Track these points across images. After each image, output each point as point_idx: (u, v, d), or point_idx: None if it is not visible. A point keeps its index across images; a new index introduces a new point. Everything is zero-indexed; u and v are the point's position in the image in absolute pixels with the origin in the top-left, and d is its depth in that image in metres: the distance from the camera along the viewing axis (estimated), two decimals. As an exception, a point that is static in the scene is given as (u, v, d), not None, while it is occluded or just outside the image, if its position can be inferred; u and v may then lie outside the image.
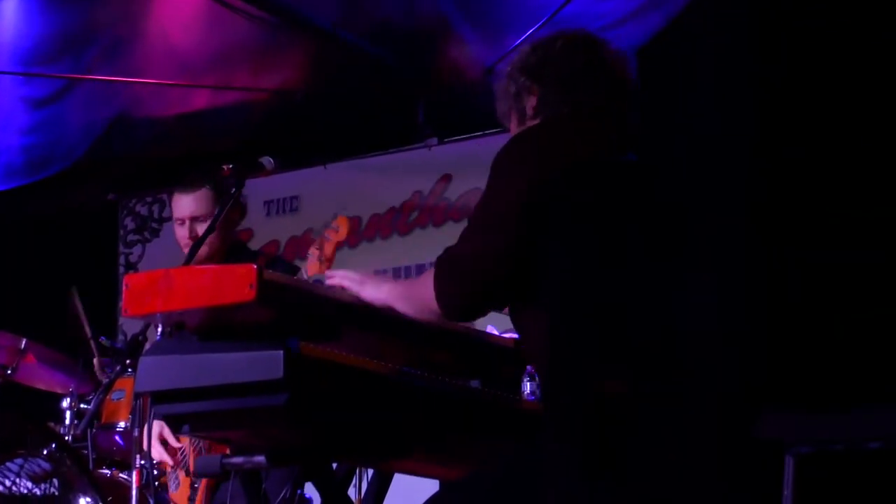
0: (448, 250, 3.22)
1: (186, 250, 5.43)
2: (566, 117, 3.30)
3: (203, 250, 5.40)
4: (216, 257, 5.48)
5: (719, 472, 2.36)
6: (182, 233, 5.51)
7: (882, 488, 2.32)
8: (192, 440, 5.10)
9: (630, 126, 3.32)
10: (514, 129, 3.42)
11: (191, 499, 5.29)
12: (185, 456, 5.33)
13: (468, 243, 3.19)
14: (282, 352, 3.06)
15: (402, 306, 3.30)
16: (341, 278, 3.43)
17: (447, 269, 3.19)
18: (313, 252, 4.93)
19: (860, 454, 2.25)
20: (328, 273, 3.50)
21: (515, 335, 3.44)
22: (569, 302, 2.75)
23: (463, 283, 3.16)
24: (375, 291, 3.36)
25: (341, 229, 4.87)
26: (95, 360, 6.40)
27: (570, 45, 3.42)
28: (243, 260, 5.17)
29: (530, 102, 3.36)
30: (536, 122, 3.33)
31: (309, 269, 5.02)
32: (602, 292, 2.69)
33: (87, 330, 6.46)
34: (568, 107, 3.30)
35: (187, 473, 5.32)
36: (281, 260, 6.12)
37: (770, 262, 2.32)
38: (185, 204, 5.52)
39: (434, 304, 3.19)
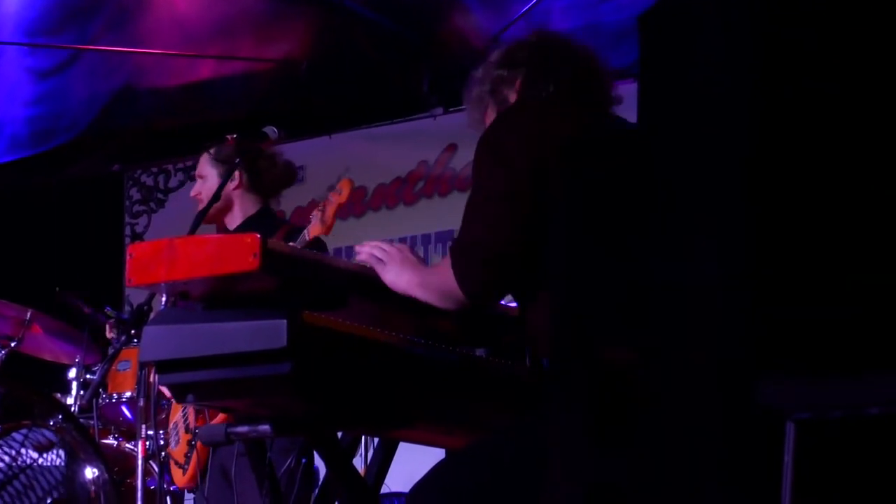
0: (459, 237, 3.22)
1: (199, 206, 5.45)
2: (549, 97, 3.33)
3: (222, 209, 5.41)
4: (234, 218, 5.48)
5: (723, 438, 2.36)
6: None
7: (881, 453, 2.32)
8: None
9: (610, 111, 3.38)
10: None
11: (187, 455, 5.31)
12: (185, 412, 5.35)
13: (475, 223, 3.19)
14: (285, 321, 3.06)
15: (422, 295, 3.29)
16: (368, 255, 3.42)
17: (465, 254, 3.19)
18: (316, 214, 4.97)
19: (859, 420, 2.25)
20: (357, 248, 3.47)
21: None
22: (572, 269, 2.75)
23: (484, 265, 3.16)
24: (395, 279, 3.34)
25: (343, 191, 4.90)
26: (107, 326, 6.40)
27: (551, 41, 3.49)
28: (265, 227, 5.18)
29: (510, 90, 3.40)
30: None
31: (311, 231, 5.06)
32: (605, 259, 2.69)
33: (86, 309, 6.46)
34: (548, 88, 3.34)
35: (187, 430, 5.34)
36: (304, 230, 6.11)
37: (771, 228, 2.32)
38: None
39: (457, 292, 3.19)
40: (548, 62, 3.39)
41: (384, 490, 4.40)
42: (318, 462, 4.29)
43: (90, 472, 5.52)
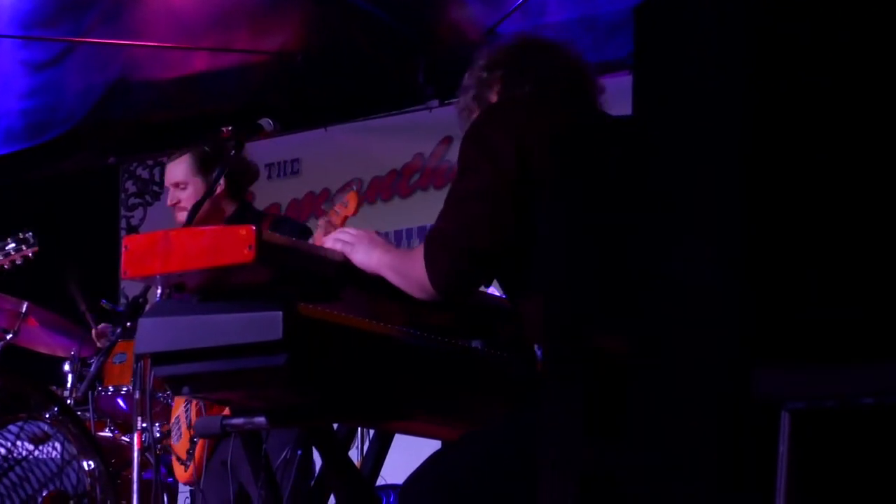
0: (435, 227, 3.21)
1: (178, 215, 5.46)
2: (531, 93, 3.33)
3: (209, 211, 5.40)
4: (217, 218, 5.47)
5: (717, 428, 2.37)
6: (167, 199, 5.61)
7: (875, 443, 2.33)
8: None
9: (597, 108, 3.37)
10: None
11: (189, 452, 5.31)
12: (188, 407, 5.35)
13: (454, 217, 3.18)
14: (281, 312, 3.06)
15: (392, 277, 3.26)
16: (334, 241, 3.41)
17: (437, 245, 3.17)
18: (322, 224, 4.99)
19: (854, 410, 2.25)
20: (325, 238, 3.49)
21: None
22: (566, 261, 2.76)
23: (455, 257, 3.15)
24: (366, 258, 3.31)
25: (350, 204, 4.94)
26: (93, 331, 6.43)
27: (530, 42, 3.50)
28: (248, 221, 5.17)
29: (491, 91, 3.39)
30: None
31: (316, 239, 5.05)
32: (597, 249, 2.69)
33: (83, 307, 6.49)
34: (529, 86, 3.34)
35: (189, 426, 5.34)
36: (288, 220, 6.10)
37: (765, 220, 2.32)
38: (168, 171, 5.60)
39: (426, 282, 3.17)
40: (527, 61, 3.38)
41: (380, 482, 4.40)
42: (315, 454, 4.29)
43: (86, 465, 5.53)
